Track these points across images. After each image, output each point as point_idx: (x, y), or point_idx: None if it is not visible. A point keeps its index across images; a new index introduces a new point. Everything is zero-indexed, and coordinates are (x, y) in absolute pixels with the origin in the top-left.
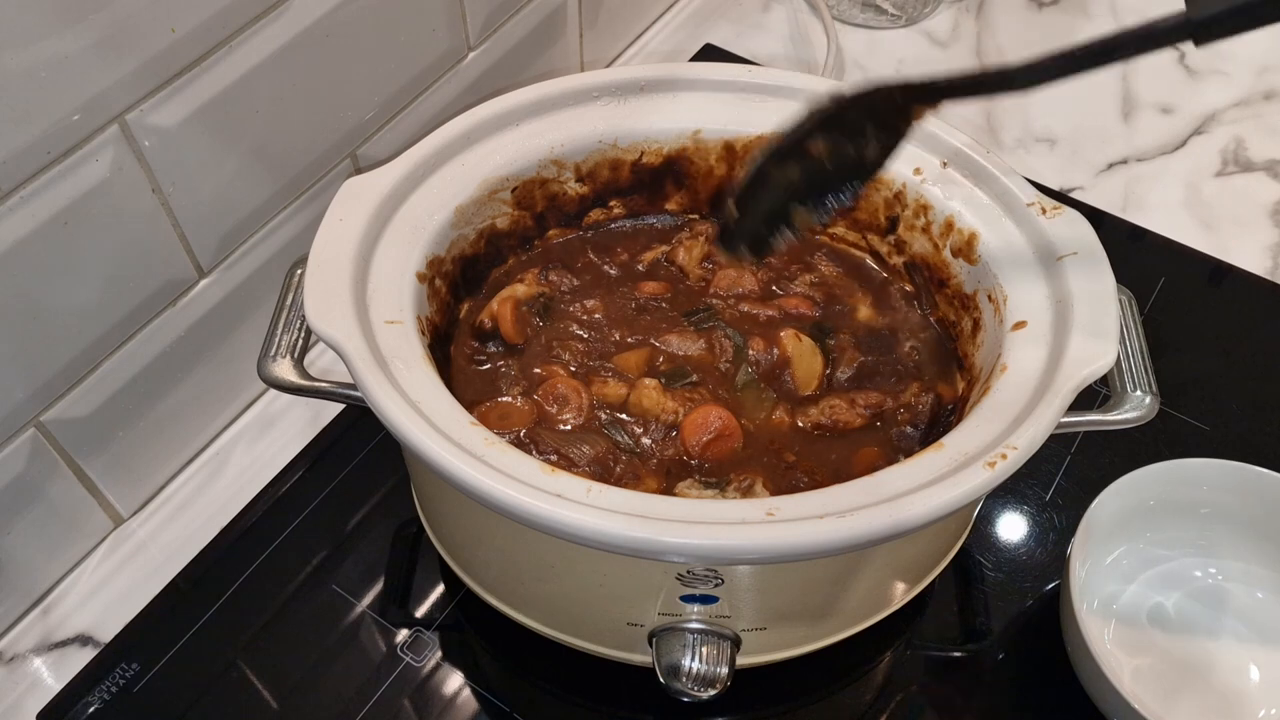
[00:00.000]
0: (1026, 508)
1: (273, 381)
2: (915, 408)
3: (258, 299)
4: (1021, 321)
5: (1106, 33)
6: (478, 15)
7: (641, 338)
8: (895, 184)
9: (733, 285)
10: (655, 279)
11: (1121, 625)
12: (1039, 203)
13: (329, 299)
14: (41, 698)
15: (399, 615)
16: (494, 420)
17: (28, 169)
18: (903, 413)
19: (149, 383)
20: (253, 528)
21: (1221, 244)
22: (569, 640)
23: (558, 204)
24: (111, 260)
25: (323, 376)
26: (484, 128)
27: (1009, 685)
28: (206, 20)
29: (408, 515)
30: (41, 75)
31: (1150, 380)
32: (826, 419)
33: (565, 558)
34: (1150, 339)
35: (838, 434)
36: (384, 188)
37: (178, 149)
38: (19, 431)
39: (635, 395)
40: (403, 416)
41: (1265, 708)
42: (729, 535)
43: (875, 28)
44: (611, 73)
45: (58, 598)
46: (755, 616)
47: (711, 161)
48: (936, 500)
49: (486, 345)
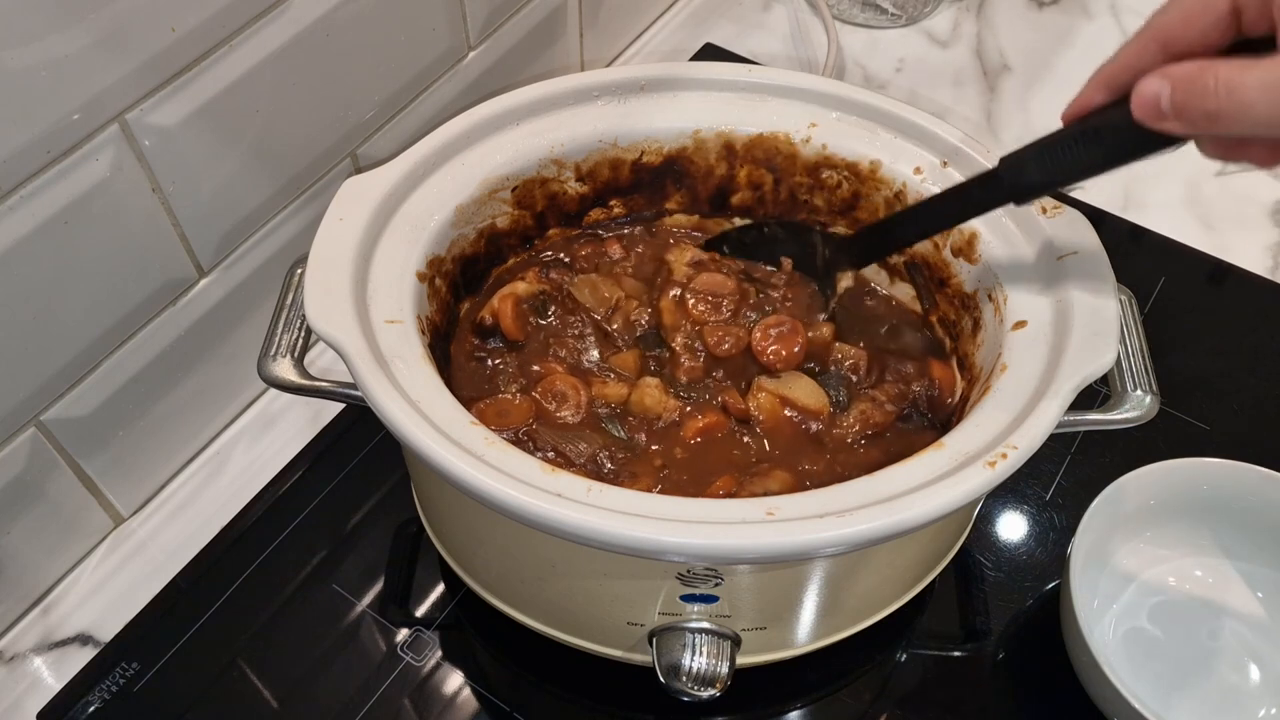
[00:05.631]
0: (1026, 508)
1: (273, 381)
2: (928, 385)
3: (258, 298)
4: (1022, 321)
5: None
6: (478, 15)
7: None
8: (895, 183)
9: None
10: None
11: (1121, 625)
12: (1039, 202)
13: (329, 298)
14: (41, 697)
15: (399, 615)
16: (492, 417)
17: (28, 168)
18: (917, 391)
19: (149, 382)
20: (253, 528)
21: (1221, 244)
22: (569, 640)
23: (558, 203)
24: (111, 259)
25: (323, 376)
26: (484, 127)
27: (1009, 685)
28: (206, 20)
29: (408, 515)
30: (41, 75)
31: (1150, 380)
32: (862, 426)
33: (565, 557)
34: (1150, 339)
35: (880, 435)
36: (384, 187)
37: (178, 148)
38: (19, 431)
39: (637, 394)
40: (403, 416)
41: (1265, 707)
42: (729, 535)
43: (875, 27)
44: (612, 72)
45: (58, 597)
46: (755, 616)
47: (712, 161)
48: (936, 500)
49: (487, 341)
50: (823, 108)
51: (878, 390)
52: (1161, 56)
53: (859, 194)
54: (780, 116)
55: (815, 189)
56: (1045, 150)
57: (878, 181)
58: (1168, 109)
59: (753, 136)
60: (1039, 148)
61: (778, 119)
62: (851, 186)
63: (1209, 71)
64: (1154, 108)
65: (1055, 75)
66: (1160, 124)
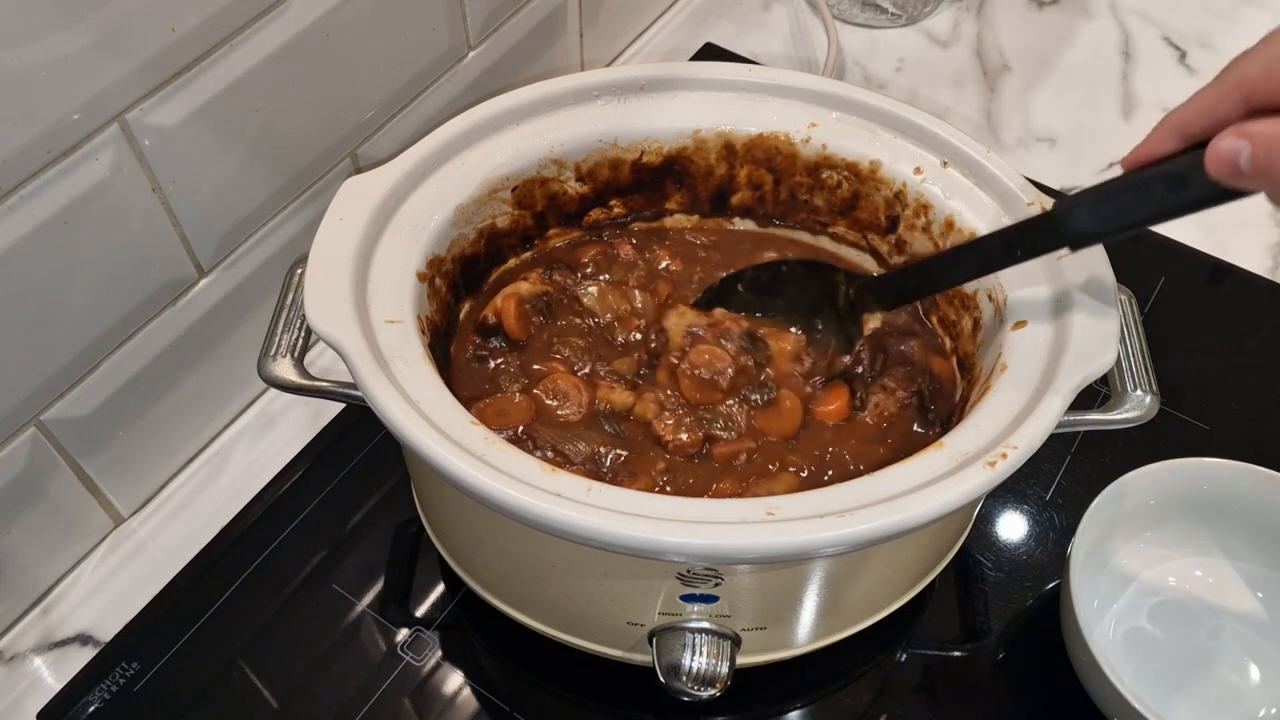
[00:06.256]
0: (1026, 508)
1: (273, 381)
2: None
3: (258, 298)
4: (1022, 321)
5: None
6: (478, 14)
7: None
8: (895, 183)
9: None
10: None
11: (1121, 625)
12: (1039, 202)
13: (329, 298)
14: (41, 697)
15: (399, 615)
16: (492, 416)
17: (28, 168)
18: (924, 381)
19: (149, 382)
20: (253, 527)
21: (1221, 244)
22: (569, 640)
23: (558, 203)
24: (111, 259)
25: (323, 376)
26: (484, 127)
27: (1009, 685)
28: (206, 19)
29: (408, 515)
30: (41, 75)
31: (1150, 380)
32: (877, 421)
33: (565, 557)
34: (1150, 339)
35: (893, 425)
36: (384, 187)
37: (178, 148)
38: (19, 431)
39: (640, 407)
40: (403, 416)
41: (1265, 707)
42: (729, 535)
43: (876, 27)
44: (612, 72)
45: (58, 597)
46: (755, 616)
47: (712, 161)
48: (936, 500)
49: (489, 341)
50: (823, 108)
51: (887, 377)
52: (1242, 108)
53: (859, 194)
54: (780, 116)
55: (815, 189)
56: (1106, 197)
57: (878, 181)
58: (1247, 168)
59: (753, 136)
60: (1098, 193)
61: (778, 119)
62: (851, 186)
63: None
64: (1232, 166)
65: (1055, 75)
66: (1238, 182)
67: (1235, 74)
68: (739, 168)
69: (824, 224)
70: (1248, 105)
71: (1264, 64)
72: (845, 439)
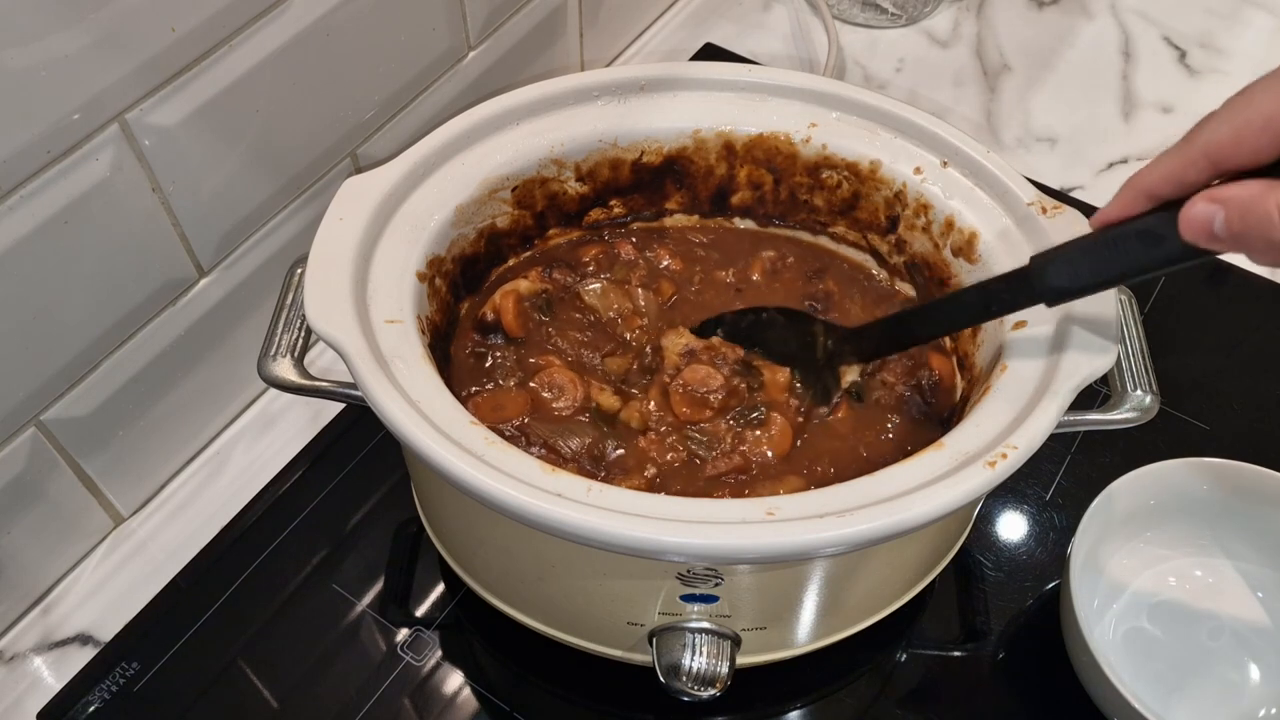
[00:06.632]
0: (1026, 508)
1: (273, 381)
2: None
3: (258, 298)
4: (1021, 321)
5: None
6: (478, 14)
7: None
8: (895, 183)
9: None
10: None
11: (1121, 625)
12: (1039, 202)
13: (329, 298)
14: (41, 697)
15: (399, 615)
16: (488, 410)
17: (28, 168)
18: (923, 375)
19: (149, 382)
20: (253, 527)
21: None
22: (569, 640)
23: (558, 203)
24: (111, 259)
25: (323, 376)
26: (484, 127)
27: (1009, 685)
28: (206, 20)
29: (408, 515)
30: (41, 75)
31: (1150, 380)
32: (876, 411)
33: (565, 557)
34: (1150, 339)
35: (894, 416)
36: (384, 187)
37: (178, 148)
38: (19, 431)
39: (626, 413)
40: (403, 416)
41: (1265, 707)
42: (729, 535)
43: (876, 27)
44: (611, 72)
45: (58, 597)
46: (755, 616)
47: (712, 161)
48: (936, 500)
49: (488, 337)
50: (823, 108)
51: (885, 372)
52: (1210, 172)
53: (859, 194)
54: (780, 116)
55: (815, 189)
56: (1078, 254)
57: (878, 181)
58: (1221, 233)
59: (753, 136)
60: (1071, 250)
61: (778, 119)
62: (851, 186)
63: (1270, 198)
64: (1206, 231)
65: (1055, 75)
66: (1212, 246)
67: (1202, 140)
68: (739, 168)
69: (824, 224)
70: (1216, 170)
71: (1233, 128)
72: (844, 437)
